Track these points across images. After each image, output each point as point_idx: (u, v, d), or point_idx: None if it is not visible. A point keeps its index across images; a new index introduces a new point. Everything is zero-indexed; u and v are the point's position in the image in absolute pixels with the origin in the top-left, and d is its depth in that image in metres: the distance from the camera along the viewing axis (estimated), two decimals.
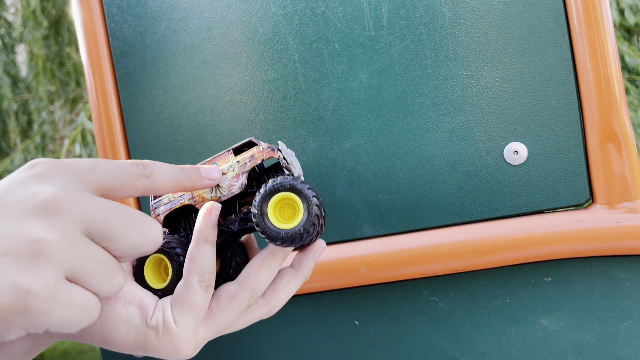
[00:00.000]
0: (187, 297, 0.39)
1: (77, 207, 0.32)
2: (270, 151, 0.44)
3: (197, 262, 0.40)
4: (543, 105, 0.56)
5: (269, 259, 0.42)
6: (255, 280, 0.42)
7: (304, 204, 0.40)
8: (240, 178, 0.44)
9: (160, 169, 0.39)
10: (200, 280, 0.39)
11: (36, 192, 0.31)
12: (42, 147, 2.17)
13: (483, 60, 0.56)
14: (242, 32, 0.60)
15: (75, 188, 0.33)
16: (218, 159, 0.45)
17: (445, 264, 0.57)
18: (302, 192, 0.40)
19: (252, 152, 0.44)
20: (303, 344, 0.62)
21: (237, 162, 0.44)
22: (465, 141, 0.57)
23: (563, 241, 0.55)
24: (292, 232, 0.40)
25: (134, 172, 0.36)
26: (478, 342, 0.59)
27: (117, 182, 0.35)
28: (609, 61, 0.54)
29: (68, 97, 2.23)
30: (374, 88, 0.58)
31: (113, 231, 0.33)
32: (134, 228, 0.34)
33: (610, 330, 0.57)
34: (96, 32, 0.63)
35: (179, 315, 0.39)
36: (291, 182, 0.40)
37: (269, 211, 0.40)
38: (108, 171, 0.35)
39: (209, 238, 0.40)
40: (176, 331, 0.39)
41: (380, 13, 0.58)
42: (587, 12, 0.54)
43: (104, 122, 0.63)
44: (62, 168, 0.34)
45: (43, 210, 0.31)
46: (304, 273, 0.45)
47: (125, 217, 0.33)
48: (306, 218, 0.40)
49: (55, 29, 2.21)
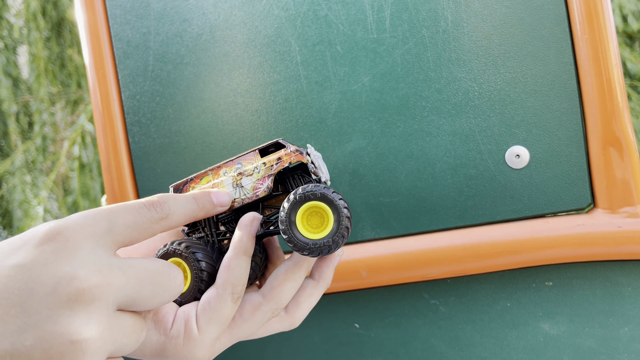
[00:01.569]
0: (217, 307, 0.39)
1: (111, 288, 0.30)
2: (299, 155, 0.43)
3: (234, 274, 0.39)
4: (545, 109, 0.56)
5: (294, 269, 0.41)
6: (280, 292, 0.41)
7: (334, 215, 0.39)
8: (266, 181, 0.42)
9: (176, 205, 0.38)
10: (233, 292, 0.39)
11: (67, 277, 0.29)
12: (42, 149, 2.17)
13: (485, 63, 0.57)
14: (245, 34, 0.60)
15: (103, 260, 0.31)
16: (243, 159, 0.44)
17: (446, 267, 0.57)
18: (334, 202, 0.39)
19: (279, 155, 0.43)
20: (303, 346, 0.62)
21: (264, 164, 0.43)
22: (467, 144, 0.57)
23: (564, 245, 0.55)
24: (320, 244, 0.38)
25: (152, 217, 0.36)
26: (478, 346, 0.59)
27: (137, 233, 0.35)
28: (611, 66, 0.54)
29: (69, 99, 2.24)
30: (376, 91, 0.58)
31: (142, 300, 0.33)
32: (159, 289, 0.33)
33: (611, 335, 0.57)
34: (99, 33, 0.63)
35: (206, 324, 0.39)
36: (322, 191, 0.39)
37: (297, 220, 0.39)
38: (126, 225, 0.34)
39: (248, 250, 0.40)
40: (199, 340, 0.38)
41: (383, 16, 0.58)
42: (589, 17, 0.54)
43: (106, 124, 0.63)
44: (83, 236, 0.31)
45: (79, 301, 0.29)
46: (325, 283, 0.44)
47: (153, 281, 0.33)
48: (336, 229, 0.38)
49: (57, 30, 2.22)
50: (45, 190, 1.85)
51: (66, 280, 0.29)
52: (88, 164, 1.89)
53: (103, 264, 0.31)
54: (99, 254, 0.31)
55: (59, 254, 0.30)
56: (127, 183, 0.63)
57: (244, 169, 0.43)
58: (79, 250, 0.30)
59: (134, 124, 0.63)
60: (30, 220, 1.83)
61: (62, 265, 0.29)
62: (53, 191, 1.95)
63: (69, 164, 1.95)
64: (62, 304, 0.28)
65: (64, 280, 0.29)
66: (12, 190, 2.04)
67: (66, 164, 1.97)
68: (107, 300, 0.30)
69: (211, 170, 0.44)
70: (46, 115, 2.16)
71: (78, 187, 1.89)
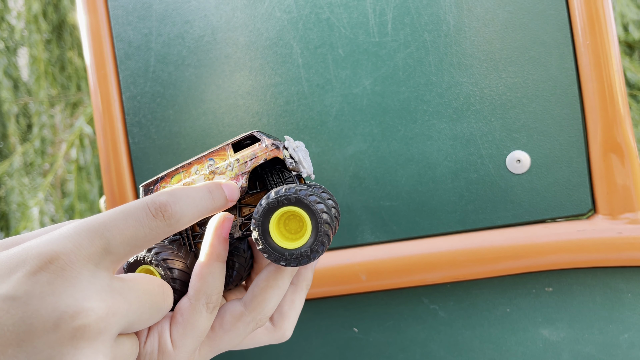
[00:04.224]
0: (191, 319, 0.35)
1: (115, 318, 0.28)
2: (275, 150, 0.39)
3: (207, 282, 0.36)
4: (546, 115, 0.56)
5: (276, 275, 0.38)
6: (263, 301, 0.37)
7: (312, 221, 0.35)
8: (240, 180, 0.39)
9: (187, 206, 0.33)
10: (207, 302, 0.36)
11: (70, 311, 0.26)
12: (41, 151, 2.17)
13: (487, 68, 0.57)
14: (247, 36, 0.60)
15: (105, 286, 0.28)
16: (215, 155, 0.40)
17: (445, 272, 0.57)
18: (310, 207, 0.35)
19: (253, 150, 0.39)
20: (301, 350, 0.62)
21: (237, 161, 0.39)
22: (468, 149, 0.57)
23: (564, 251, 0.55)
24: (297, 253, 0.35)
25: (157, 227, 0.31)
26: (478, 352, 0.59)
27: (137, 248, 0.31)
28: (613, 72, 0.54)
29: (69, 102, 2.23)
30: (377, 94, 0.58)
31: (140, 322, 0.31)
32: (155, 311, 0.32)
33: (610, 341, 0.56)
34: (101, 33, 0.63)
35: (180, 338, 0.35)
36: (298, 195, 0.35)
37: (271, 228, 0.35)
38: (125, 242, 0.30)
39: (221, 255, 0.36)
40: (173, 355, 0.35)
41: (385, 20, 0.58)
42: (591, 23, 0.54)
43: (106, 124, 0.63)
44: (80, 261, 0.28)
45: (84, 337, 0.26)
46: (305, 285, 0.41)
47: (151, 304, 0.31)
48: (314, 238, 0.35)
49: (58, 33, 2.22)
50: (42, 192, 1.84)
51: (69, 314, 0.26)
52: (86, 166, 1.88)
53: (106, 291, 0.28)
54: (99, 280, 0.28)
55: (57, 285, 0.26)
56: (126, 184, 0.63)
57: (216, 167, 0.39)
58: (79, 278, 0.27)
59: (134, 125, 0.63)
60: (27, 222, 1.82)
61: (63, 298, 0.26)
62: (50, 193, 1.95)
63: (66, 167, 1.95)
64: (65, 342, 0.26)
65: (67, 315, 0.26)
66: (10, 192, 2.04)
67: (64, 166, 1.97)
68: (112, 331, 0.28)
69: (182, 167, 0.41)
70: (45, 118, 2.16)
71: (75, 190, 1.88)
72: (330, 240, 0.36)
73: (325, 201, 0.36)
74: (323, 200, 0.35)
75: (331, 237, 0.36)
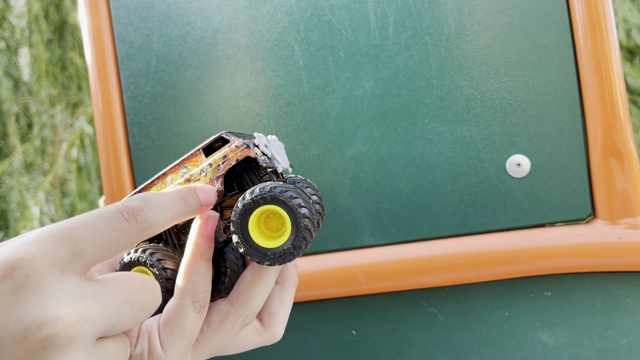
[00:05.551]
0: (178, 319, 0.35)
1: (89, 323, 0.27)
2: (245, 149, 0.38)
3: (192, 281, 0.35)
4: (546, 119, 0.56)
5: (261, 272, 0.37)
6: (249, 297, 0.37)
7: (290, 217, 0.34)
8: (215, 184, 0.38)
9: (160, 210, 0.33)
10: (194, 301, 0.35)
11: (36, 321, 0.25)
12: (41, 151, 2.17)
13: (488, 72, 0.57)
14: (248, 38, 0.61)
15: (74, 291, 0.27)
16: (188, 162, 0.39)
17: (444, 275, 0.57)
18: (286, 203, 0.34)
19: (224, 152, 0.38)
20: (299, 352, 0.62)
21: (209, 165, 0.38)
22: (468, 152, 0.57)
23: (564, 256, 0.55)
24: (280, 251, 0.35)
25: (130, 230, 0.30)
26: (476, 355, 0.59)
27: (110, 251, 0.30)
28: (613, 76, 0.54)
29: (69, 102, 2.24)
30: (378, 97, 0.58)
31: (122, 324, 0.29)
32: (138, 309, 0.30)
33: (609, 347, 0.56)
34: (102, 33, 0.63)
35: (168, 340, 0.35)
36: (272, 194, 0.34)
37: (250, 229, 0.35)
38: (96, 245, 0.29)
39: (205, 253, 0.36)
40: (163, 358, 0.34)
41: (386, 22, 0.58)
42: (592, 27, 0.54)
43: (107, 124, 0.63)
44: (45, 267, 0.26)
45: (54, 347, 0.25)
46: (291, 283, 0.41)
47: (132, 303, 0.30)
48: (295, 233, 0.34)
49: (59, 33, 2.22)
50: (42, 191, 1.84)
51: (35, 325, 0.25)
52: (86, 166, 1.88)
53: (75, 296, 0.26)
54: (67, 285, 0.27)
55: (20, 294, 0.25)
56: (126, 184, 0.63)
57: (190, 174, 0.39)
58: (43, 285, 0.26)
59: (135, 125, 0.63)
60: (27, 221, 1.82)
61: (28, 307, 0.25)
62: (50, 193, 1.95)
63: (67, 166, 1.95)
64: (35, 353, 0.25)
65: (33, 325, 0.25)
66: (10, 191, 2.04)
67: (64, 166, 1.97)
68: (86, 337, 0.26)
69: (157, 179, 0.40)
70: (46, 117, 2.16)
71: (75, 189, 1.88)
72: (312, 234, 0.35)
73: (303, 195, 0.36)
74: (300, 195, 0.35)
75: (313, 231, 0.35)
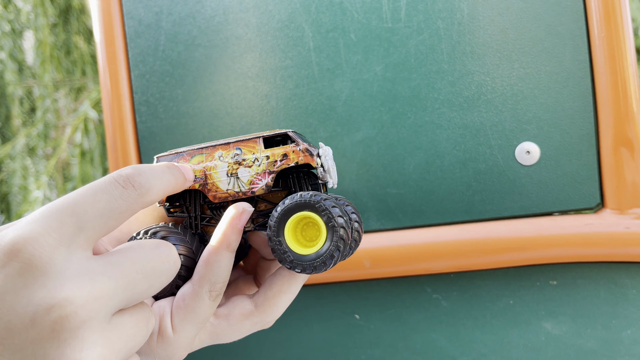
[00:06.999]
0: (193, 305, 0.35)
1: (100, 301, 0.26)
2: (308, 156, 0.38)
3: (213, 270, 0.35)
4: (558, 107, 0.56)
5: (290, 281, 0.38)
6: (274, 304, 0.37)
7: (326, 225, 0.35)
8: (266, 178, 0.38)
9: (153, 177, 0.32)
10: (211, 289, 0.35)
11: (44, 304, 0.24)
12: (44, 135, 2.17)
13: (500, 58, 0.56)
14: (258, 18, 0.60)
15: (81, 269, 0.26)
16: (243, 144, 0.38)
17: (450, 261, 0.57)
18: (324, 210, 0.35)
19: (285, 150, 0.38)
20: (301, 335, 0.61)
21: (266, 158, 0.38)
22: (477, 139, 0.57)
23: (571, 245, 0.55)
24: (312, 258, 0.35)
25: (129, 197, 0.30)
26: (479, 343, 0.58)
27: (113, 220, 0.29)
28: (627, 65, 0.54)
29: (73, 86, 2.23)
30: (388, 80, 0.58)
31: (138, 295, 0.29)
32: (154, 277, 0.30)
33: (613, 337, 0.56)
34: (111, 10, 0.63)
35: (180, 323, 0.35)
36: (312, 200, 0.35)
37: (286, 234, 0.35)
38: (99, 215, 0.28)
39: (232, 245, 0.36)
40: (172, 339, 0.35)
41: (398, 5, 0.57)
42: (607, 15, 0.53)
43: (114, 102, 0.63)
44: (50, 246, 0.26)
45: (65, 329, 0.24)
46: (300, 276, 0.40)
47: (146, 272, 0.29)
48: (329, 242, 0.35)
49: (64, 17, 2.21)
50: (45, 175, 1.84)
51: (44, 308, 0.24)
52: (90, 151, 1.88)
53: (83, 274, 0.26)
54: (74, 263, 0.26)
55: (27, 276, 0.25)
56: (132, 163, 0.62)
57: (242, 158, 0.38)
58: (50, 265, 0.25)
59: (142, 104, 0.63)
60: (28, 205, 1.82)
61: (35, 289, 0.24)
62: (53, 177, 1.95)
63: (70, 151, 1.94)
64: (46, 337, 0.24)
65: (42, 309, 0.24)
66: (12, 175, 2.04)
67: (67, 150, 1.96)
68: (98, 316, 0.26)
69: (205, 149, 0.39)
70: (49, 102, 2.16)
71: (79, 174, 1.88)
72: (346, 245, 0.35)
73: (342, 208, 0.36)
74: (339, 206, 0.35)
75: (348, 245, 0.35)
